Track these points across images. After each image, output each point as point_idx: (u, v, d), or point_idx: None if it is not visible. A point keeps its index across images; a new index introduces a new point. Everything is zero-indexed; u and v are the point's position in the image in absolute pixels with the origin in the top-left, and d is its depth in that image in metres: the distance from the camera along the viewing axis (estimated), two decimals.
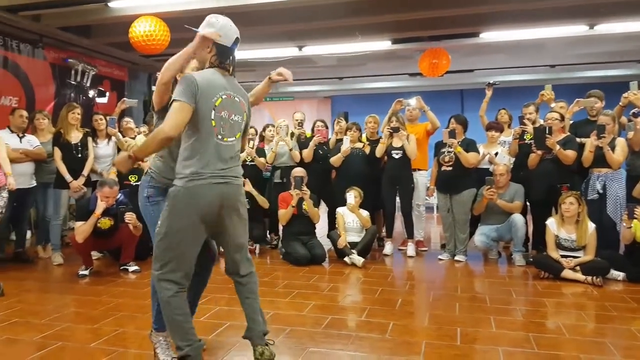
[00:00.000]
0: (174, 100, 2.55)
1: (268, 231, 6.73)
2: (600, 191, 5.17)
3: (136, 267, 5.25)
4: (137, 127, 6.88)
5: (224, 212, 2.71)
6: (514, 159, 5.95)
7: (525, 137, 5.71)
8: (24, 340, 3.31)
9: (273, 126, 6.80)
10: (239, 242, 2.84)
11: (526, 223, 5.59)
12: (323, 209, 6.51)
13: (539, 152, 5.34)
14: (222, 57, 2.71)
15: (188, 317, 2.74)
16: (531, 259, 5.31)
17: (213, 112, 2.62)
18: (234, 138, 2.75)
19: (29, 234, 6.54)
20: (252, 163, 6.41)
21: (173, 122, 2.52)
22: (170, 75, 2.70)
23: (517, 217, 5.49)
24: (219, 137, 2.65)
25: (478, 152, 5.73)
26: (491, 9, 6.74)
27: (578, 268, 4.75)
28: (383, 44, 8.13)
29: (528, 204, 5.85)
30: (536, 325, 3.58)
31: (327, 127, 6.55)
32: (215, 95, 2.63)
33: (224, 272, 2.91)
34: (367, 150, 6.13)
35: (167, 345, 2.93)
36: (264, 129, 6.94)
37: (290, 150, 6.32)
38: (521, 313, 3.89)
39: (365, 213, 5.84)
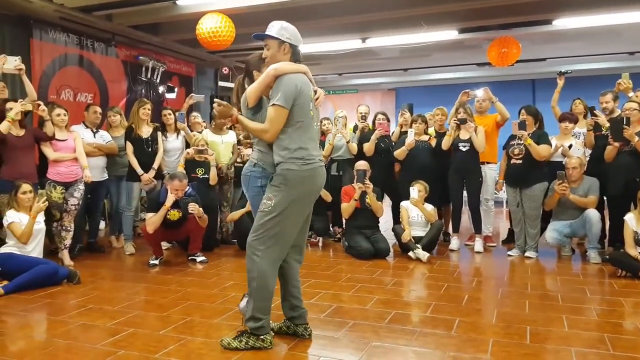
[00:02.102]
0: (274, 103, 2.81)
1: (331, 224, 6.74)
2: None
3: (203, 258, 5.39)
4: (204, 121, 7.04)
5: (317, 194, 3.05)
6: (590, 151, 5.67)
7: (602, 128, 5.43)
8: (98, 325, 3.47)
9: (327, 119, 6.80)
10: (307, 224, 3.13)
11: (602, 218, 5.31)
12: (387, 202, 6.44)
13: (617, 144, 5.07)
14: (296, 56, 2.99)
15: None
16: (607, 257, 5.04)
17: (311, 103, 2.94)
18: (319, 123, 3.11)
19: (102, 224, 6.82)
20: None
21: (275, 131, 2.83)
22: (257, 97, 2.93)
23: (592, 213, 5.23)
24: (316, 124, 3.02)
25: (550, 144, 5.48)
26: None
27: None
28: (449, 34, 7.92)
29: (605, 198, 5.56)
30: (612, 326, 3.40)
31: (388, 120, 6.46)
32: (310, 90, 2.95)
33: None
34: (433, 143, 6.01)
35: None
36: (321, 122, 6.92)
37: (348, 142, 6.28)
38: (596, 313, 3.70)
39: (430, 207, 5.73)
